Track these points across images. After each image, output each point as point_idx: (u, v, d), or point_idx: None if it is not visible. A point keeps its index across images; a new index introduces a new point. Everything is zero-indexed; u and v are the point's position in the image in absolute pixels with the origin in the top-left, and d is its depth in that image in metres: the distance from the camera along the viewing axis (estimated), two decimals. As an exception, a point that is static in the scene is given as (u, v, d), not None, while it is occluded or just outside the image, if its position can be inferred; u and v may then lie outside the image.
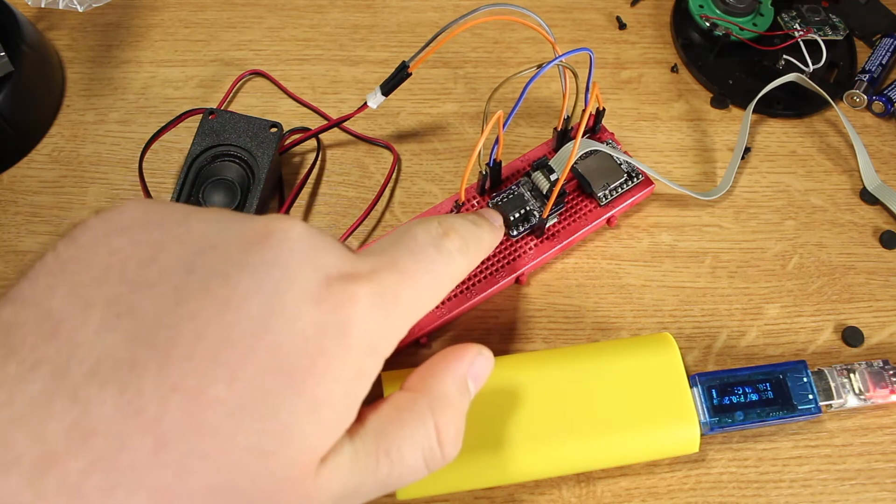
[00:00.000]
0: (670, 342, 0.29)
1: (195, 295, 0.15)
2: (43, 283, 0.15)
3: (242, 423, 0.14)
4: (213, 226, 0.17)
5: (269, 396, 0.15)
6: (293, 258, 0.16)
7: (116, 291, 0.15)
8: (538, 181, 0.32)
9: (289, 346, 0.15)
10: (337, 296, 0.16)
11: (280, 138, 0.33)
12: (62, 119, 0.37)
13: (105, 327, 0.14)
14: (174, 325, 0.14)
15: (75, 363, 0.14)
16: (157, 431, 0.13)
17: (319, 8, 0.41)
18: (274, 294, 0.15)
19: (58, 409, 0.13)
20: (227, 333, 0.15)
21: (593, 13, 0.41)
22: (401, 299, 0.18)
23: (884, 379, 0.30)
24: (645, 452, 0.28)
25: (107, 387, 0.13)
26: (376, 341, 0.17)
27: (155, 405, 0.14)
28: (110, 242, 0.16)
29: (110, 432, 0.13)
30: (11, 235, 0.34)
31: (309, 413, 0.15)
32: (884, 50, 0.39)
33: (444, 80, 0.39)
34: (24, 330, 0.14)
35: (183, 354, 0.14)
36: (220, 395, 0.14)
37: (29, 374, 0.13)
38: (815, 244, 0.35)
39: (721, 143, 0.38)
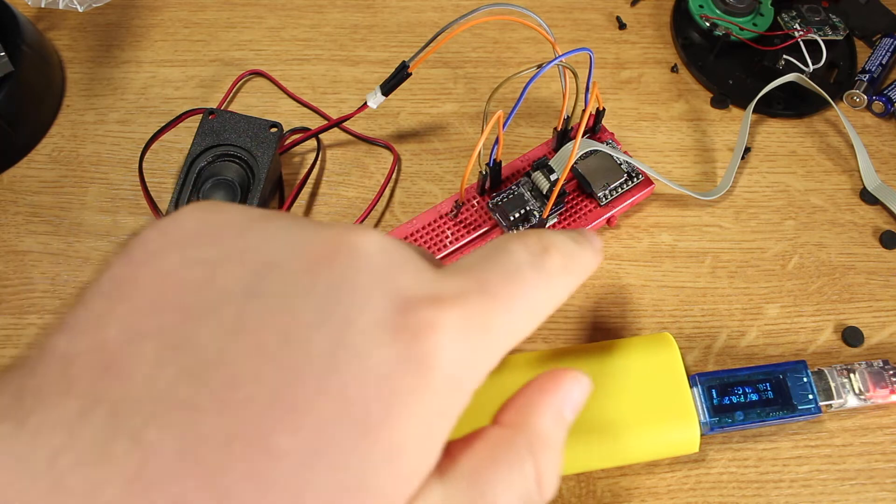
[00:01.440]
0: (670, 342, 0.29)
1: (255, 326, 0.14)
2: (98, 308, 0.14)
3: (311, 477, 0.13)
4: (275, 240, 0.15)
5: (340, 447, 0.13)
6: (364, 280, 0.14)
7: (171, 320, 0.14)
8: (538, 181, 0.32)
9: (359, 389, 0.13)
10: (416, 324, 0.14)
11: (280, 138, 0.33)
12: (62, 119, 0.37)
13: (161, 361, 0.13)
14: (233, 362, 0.13)
15: (133, 402, 0.13)
16: (219, 486, 0.12)
17: (319, 8, 0.41)
18: (342, 326, 0.14)
19: (119, 455, 0.12)
20: (290, 374, 0.13)
21: (593, 13, 0.41)
22: (491, 328, 0.15)
23: (884, 379, 0.30)
24: (645, 452, 0.28)
25: (166, 431, 0.12)
26: (462, 376, 0.15)
27: (215, 455, 0.12)
28: (164, 262, 0.15)
29: (172, 485, 0.12)
30: (11, 235, 0.34)
31: (386, 463, 0.14)
32: (884, 50, 0.39)
33: (444, 80, 0.39)
34: (80, 362, 0.13)
35: (242, 398, 0.13)
36: (283, 446, 0.13)
37: (89, 413, 0.13)
38: (815, 244, 0.35)
39: (721, 143, 0.38)
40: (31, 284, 0.33)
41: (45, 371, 0.13)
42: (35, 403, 0.13)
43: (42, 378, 0.13)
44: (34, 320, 0.32)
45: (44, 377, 0.13)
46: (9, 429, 0.12)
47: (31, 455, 0.12)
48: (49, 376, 0.13)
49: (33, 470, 0.12)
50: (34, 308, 0.32)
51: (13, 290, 0.32)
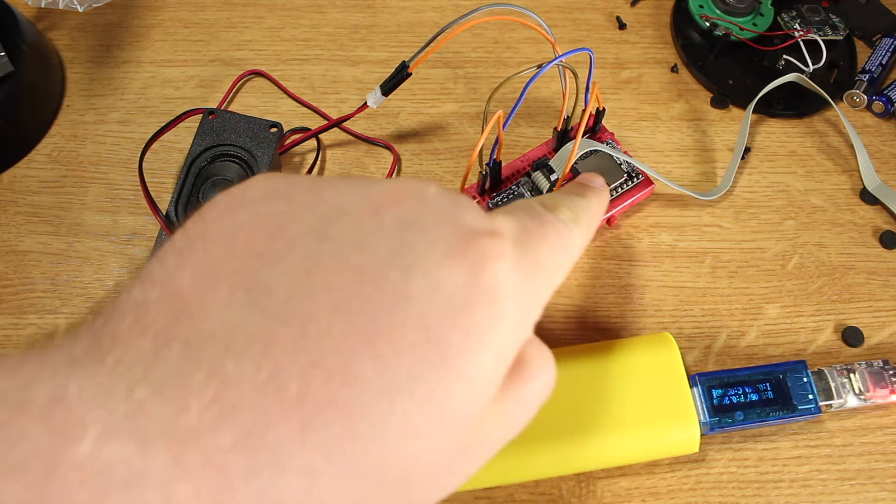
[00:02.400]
0: (670, 342, 0.29)
1: (328, 265, 0.14)
2: (171, 261, 0.15)
3: (394, 403, 0.13)
4: (342, 191, 0.16)
5: (421, 375, 0.14)
6: (430, 215, 0.15)
7: (245, 265, 0.14)
8: (538, 181, 0.32)
9: (436, 317, 0.14)
10: (482, 251, 0.15)
11: (280, 138, 0.33)
12: (62, 119, 0.37)
13: (236, 303, 0.14)
14: (308, 298, 0.14)
15: (208, 339, 0.13)
16: (301, 411, 0.13)
17: (319, 8, 0.41)
18: (413, 257, 0.14)
19: (195, 385, 0.12)
20: (366, 305, 0.14)
21: (593, 13, 0.41)
22: (541, 261, 0.17)
23: (884, 379, 0.30)
24: (645, 452, 0.28)
25: (243, 363, 0.13)
26: (525, 307, 0.16)
27: (296, 383, 0.13)
28: (236, 216, 0.15)
29: (252, 410, 0.12)
30: (11, 235, 0.34)
31: (464, 394, 0.14)
32: (884, 50, 0.39)
33: (444, 80, 0.39)
34: (154, 308, 0.14)
35: (320, 329, 0.13)
36: (366, 374, 0.13)
37: (163, 350, 0.13)
38: (815, 244, 0.35)
39: (721, 143, 0.38)
40: (31, 284, 0.33)
41: (120, 318, 0.14)
42: (112, 344, 0.13)
43: (117, 324, 0.14)
44: (34, 320, 0.32)
45: (118, 324, 0.14)
46: (88, 365, 0.13)
47: (110, 386, 0.12)
48: (123, 322, 0.14)
49: (113, 399, 0.12)
50: (34, 308, 0.32)
51: (13, 290, 0.32)
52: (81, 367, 0.13)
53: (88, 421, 0.12)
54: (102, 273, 0.33)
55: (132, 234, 0.34)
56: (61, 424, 0.12)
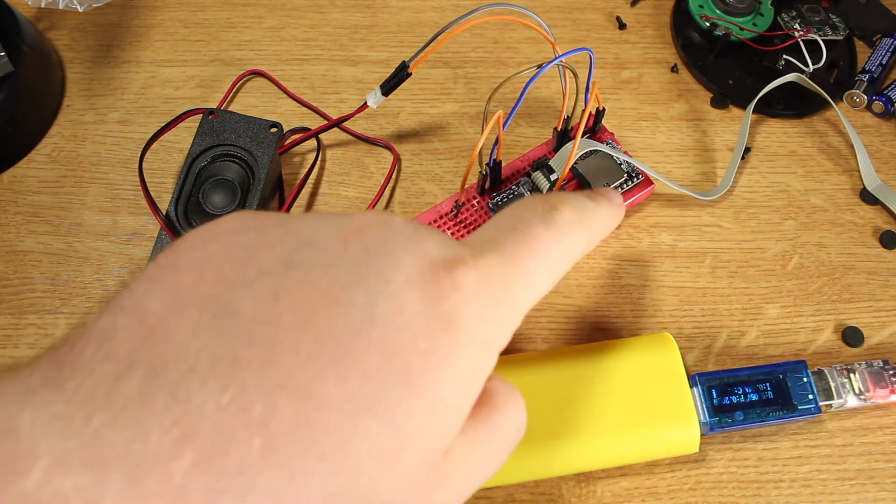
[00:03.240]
0: (670, 342, 0.29)
1: (295, 289, 0.14)
2: (140, 289, 0.15)
3: (358, 423, 0.13)
4: (312, 225, 0.16)
5: (385, 395, 0.14)
6: (395, 245, 0.16)
7: (213, 291, 0.14)
8: (538, 181, 0.32)
9: (399, 340, 0.14)
10: (442, 283, 0.15)
11: (280, 138, 0.33)
12: (62, 119, 0.37)
13: (202, 326, 0.14)
14: (274, 321, 0.14)
15: (173, 363, 0.13)
16: (266, 432, 0.13)
17: (319, 8, 0.41)
18: (377, 283, 0.15)
19: (157, 409, 0.12)
20: (332, 327, 0.14)
21: (593, 13, 0.41)
22: (508, 285, 0.17)
23: (884, 379, 0.30)
24: (645, 452, 0.28)
25: (207, 385, 0.13)
26: (487, 334, 0.16)
27: (261, 404, 0.13)
28: (208, 247, 0.16)
29: (215, 432, 0.12)
30: (11, 235, 0.34)
31: (427, 414, 0.14)
32: (884, 50, 0.39)
33: (444, 80, 0.39)
34: (120, 335, 0.14)
35: (286, 350, 0.13)
36: (330, 394, 0.13)
37: (126, 375, 0.13)
38: (815, 244, 0.35)
39: (721, 143, 0.38)
40: (31, 284, 0.33)
41: (84, 345, 0.14)
42: (73, 371, 0.13)
43: (80, 351, 0.14)
44: (34, 320, 0.32)
45: (82, 350, 0.14)
46: (47, 393, 0.13)
47: (68, 414, 0.12)
48: (87, 349, 0.14)
49: (69, 427, 0.12)
50: (34, 308, 0.32)
51: (13, 290, 0.32)
52: (38, 395, 0.13)
53: (39, 451, 0.12)
54: (102, 273, 0.33)
55: (132, 234, 0.34)
56: (8, 456, 0.11)
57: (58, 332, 0.32)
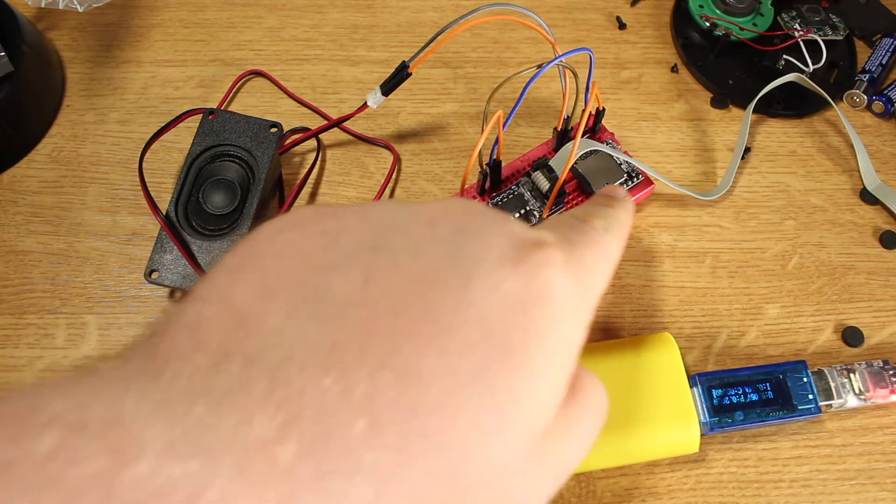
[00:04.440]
0: (670, 342, 0.29)
1: (386, 272, 0.14)
2: (223, 280, 0.15)
3: (461, 399, 0.13)
4: (387, 209, 0.16)
5: (486, 371, 0.14)
6: (483, 226, 0.16)
7: (301, 277, 0.14)
8: (538, 181, 0.32)
9: (496, 316, 0.14)
10: (533, 259, 0.15)
11: (280, 138, 0.33)
12: (62, 119, 0.37)
13: (294, 313, 0.14)
14: (369, 303, 0.14)
15: (269, 350, 0.13)
16: (370, 412, 0.13)
17: (319, 8, 0.41)
18: (471, 262, 0.15)
19: (258, 395, 0.12)
20: (428, 307, 0.14)
21: (593, 13, 0.41)
22: (588, 266, 0.17)
23: (884, 379, 0.30)
24: (645, 452, 0.28)
25: (307, 369, 0.13)
26: (578, 309, 0.16)
27: (364, 384, 0.13)
28: (286, 235, 0.15)
29: (319, 414, 0.12)
30: (11, 235, 0.34)
31: (528, 389, 0.14)
32: (884, 50, 0.39)
33: (444, 80, 0.39)
34: (209, 325, 0.14)
35: (384, 330, 0.13)
36: (433, 370, 0.13)
37: (223, 363, 0.13)
38: (815, 244, 0.35)
39: (721, 143, 0.38)
40: (31, 284, 0.33)
41: (174, 336, 0.14)
42: (167, 361, 0.13)
43: (171, 342, 0.13)
44: (34, 320, 0.32)
45: (173, 341, 0.13)
46: (143, 382, 0.13)
47: (170, 402, 0.12)
48: (178, 340, 0.13)
49: (171, 415, 0.12)
50: (34, 308, 0.32)
51: (13, 290, 0.32)
52: (137, 384, 0.13)
53: (147, 438, 0.12)
54: (102, 273, 0.33)
55: (132, 234, 0.34)
56: (119, 443, 0.11)
57: (58, 332, 0.32)
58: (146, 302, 0.32)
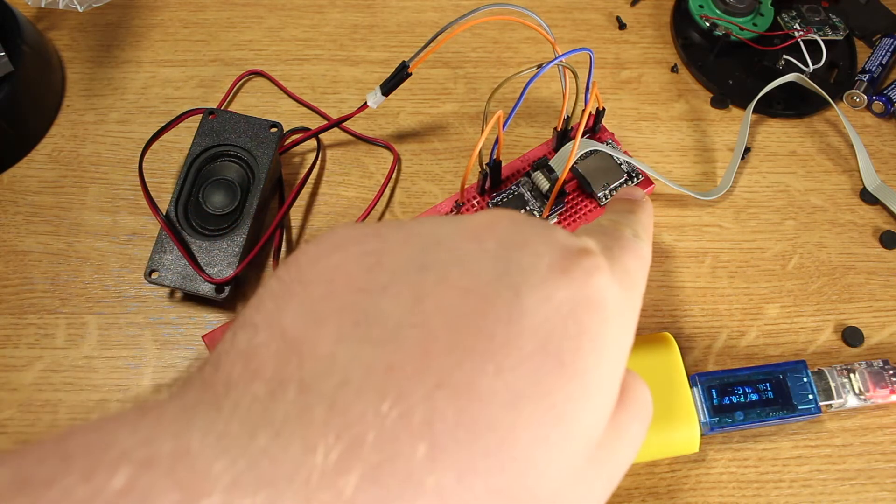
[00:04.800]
0: (670, 342, 0.29)
1: (436, 289, 0.14)
2: (271, 306, 0.15)
3: (520, 413, 0.13)
4: (430, 226, 0.16)
5: (542, 383, 0.14)
6: (529, 237, 0.16)
7: (349, 300, 0.14)
8: (538, 181, 0.32)
9: (550, 326, 0.14)
10: (582, 267, 0.15)
11: (280, 138, 0.33)
12: (62, 119, 0.37)
13: (346, 337, 0.14)
14: (421, 323, 0.14)
15: (323, 376, 0.13)
16: (430, 435, 0.13)
17: (319, 8, 0.41)
18: (520, 274, 0.15)
19: (318, 423, 0.12)
20: (481, 322, 0.14)
21: (593, 13, 0.41)
22: (630, 271, 0.17)
23: (884, 379, 0.30)
24: (645, 452, 0.28)
25: (364, 394, 0.13)
26: (626, 314, 0.16)
27: (422, 407, 0.13)
28: (330, 258, 0.15)
29: (379, 441, 0.12)
30: (11, 235, 0.34)
31: (584, 397, 0.14)
32: (884, 50, 0.39)
33: (444, 80, 0.39)
34: (262, 352, 0.14)
35: (439, 350, 0.13)
36: (490, 387, 0.13)
37: (279, 391, 0.13)
38: (815, 244, 0.35)
39: (721, 143, 0.38)
40: (31, 284, 0.33)
41: (230, 365, 0.14)
42: (226, 390, 0.13)
43: (226, 371, 0.13)
44: (34, 320, 0.32)
45: (229, 371, 0.13)
46: (204, 412, 0.13)
47: (231, 433, 0.12)
48: (234, 369, 0.13)
49: (235, 447, 0.12)
50: (34, 308, 0.32)
51: (13, 290, 0.32)
52: (199, 415, 0.13)
53: (214, 473, 0.12)
54: (102, 273, 0.33)
55: (132, 234, 0.34)
56: (189, 479, 0.11)
57: (58, 332, 0.32)
58: (146, 302, 0.32)
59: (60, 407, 0.30)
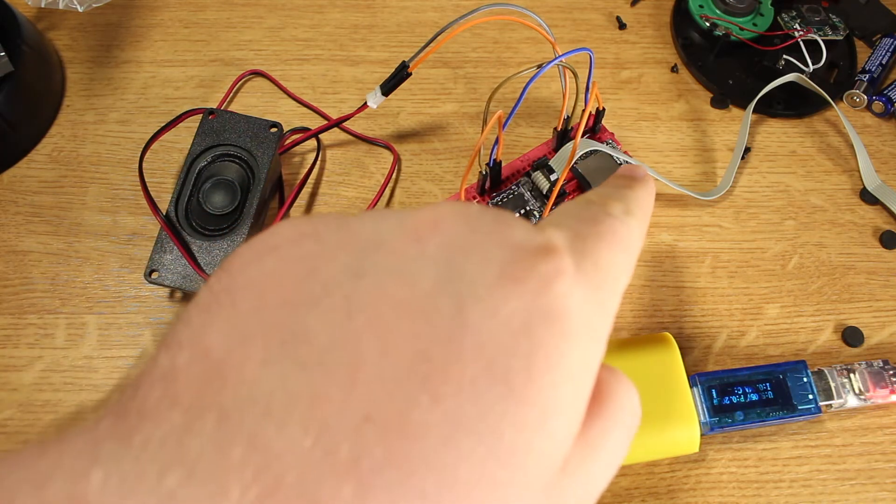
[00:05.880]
0: (670, 342, 0.29)
1: (370, 303, 0.13)
2: (197, 321, 0.13)
3: (461, 449, 0.12)
4: (372, 223, 0.14)
5: (489, 413, 0.12)
6: (478, 237, 0.14)
7: (278, 316, 0.13)
8: (538, 181, 0.32)
9: (496, 344, 0.12)
10: (538, 272, 0.13)
11: (280, 138, 0.33)
12: (62, 119, 0.37)
13: (271, 359, 0.12)
14: (352, 344, 0.12)
15: (246, 404, 0.12)
16: (356, 475, 0.11)
17: (319, 8, 0.41)
18: (464, 283, 0.13)
19: (235, 460, 0.11)
20: (418, 341, 0.12)
21: (593, 13, 0.41)
22: (603, 266, 0.15)
23: (884, 379, 0.30)
24: (645, 452, 0.28)
25: (286, 428, 0.11)
26: (595, 321, 0.14)
27: (348, 443, 0.11)
28: (262, 264, 0.14)
29: (300, 483, 0.11)
30: (11, 235, 0.34)
31: (539, 425, 0.13)
32: (884, 50, 0.39)
33: (444, 80, 0.39)
34: (184, 375, 0.12)
35: (369, 376, 0.12)
36: (425, 420, 0.12)
37: (196, 423, 0.12)
38: (815, 244, 0.35)
39: (721, 143, 0.38)
40: (31, 284, 0.33)
41: (147, 390, 0.12)
42: (139, 421, 0.12)
43: (144, 397, 0.12)
44: (34, 320, 0.32)
45: (146, 396, 0.12)
46: (112, 448, 0.12)
47: (139, 473, 0.11)
48: (151, 394, 0.12)
49: (141, 488, 0.11)
50: (34, 308, 0.32)
51: (13, 290, 0.32)
52: (106, 450, 0.12)
53: None
54: (102, 273, 0.33)
55: (132, 234, 0.34)
56: None
57: (58, 332, 0.32)
58: (146, 302, 0.32)
59: (60, 407, 0.30)
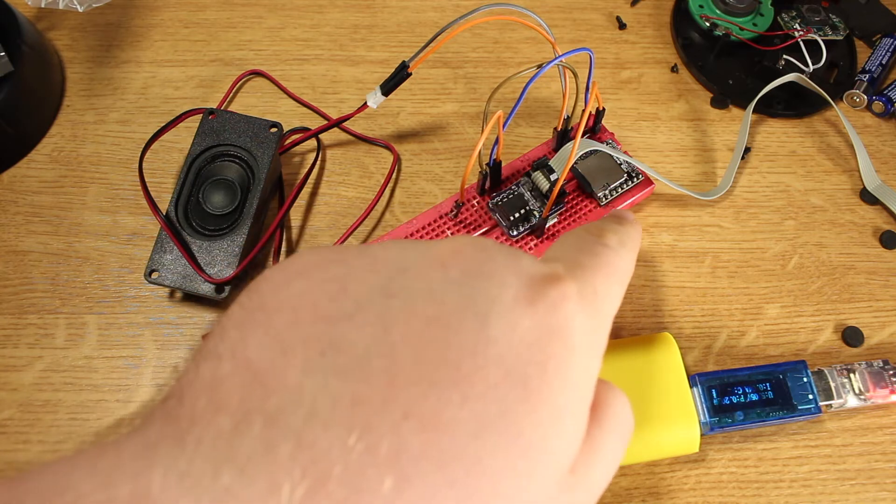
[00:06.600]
0: (670, 342, 0.29)
1: (402, 318, 0.14)
2: (234, 335, 0.14)
3: (487, 443, 0.13)
4: (396, 252, 0.16)
5: (509, 412, 0.14)
6: (496, 265, 0.16)
7: (314, 329, 0.14)
8: (538, 181, 0.32)
9: (515, 355, 0.14)
10: (549, 296, 0.15)
11: (280, 138, 0.33)
12: (62, 119, 0.37)
13: (312, 367, 0.13)
14: (388, 353, 0.14)
15: (290, 408, 0.13)
16: (396, 467, 0.12)
17: (319, 8, 0.41)
18: (486, 303, 0.15)
19: (283, 458, 0.12)
20: (447, 352, 0.14)
21: (593, 13, 0.41)
22: (601, 295, 0.17)
23: (884, 379, 0.30)
24: (645, 452, 0.28)
25: (331, 428, 0.13)
26: (594, 339, 0.17)
27: (388, 439, 0.13)
28: (292, 286, 0.15)
29: (345, 476, 0.12)
30: (11, 235, 0.34)
31: (553, 425, 0.14)
32: (884, 50, 0.39)
33: (444, 80, 0.39)
34: (227, 384, 0.13)
35: (406, 380, 0.13)
36: (456, 417, 0.13)
37: (244, 425, 0.13)
38: (815, 244, 0.35)
39: (721, 143, 0.38)
40: (31, 284, 0.33)
41: (194, 398, 0.13)
42: (190, 425, 0.13)
43: (190, 404, 0.13)
44: (34, 320, 0.32)
45: (193, 403, 0.13)
46: (167, 449, 0.12)
47: (195, 471, 0.12)
48: (198, 402, 0.13)
49: (199, 486, 0.12)
50: (34, 308, 0.32)
51: (13, 290, 0.32)
52: (161, 452, 0.12)
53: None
54: (102, 273, 0.33)
55: (132, 234, 0.34)
56: None
57: (58, 332, 0.32)
58: (146, 302, 0.32)
59: (60, 407, 0.30)
